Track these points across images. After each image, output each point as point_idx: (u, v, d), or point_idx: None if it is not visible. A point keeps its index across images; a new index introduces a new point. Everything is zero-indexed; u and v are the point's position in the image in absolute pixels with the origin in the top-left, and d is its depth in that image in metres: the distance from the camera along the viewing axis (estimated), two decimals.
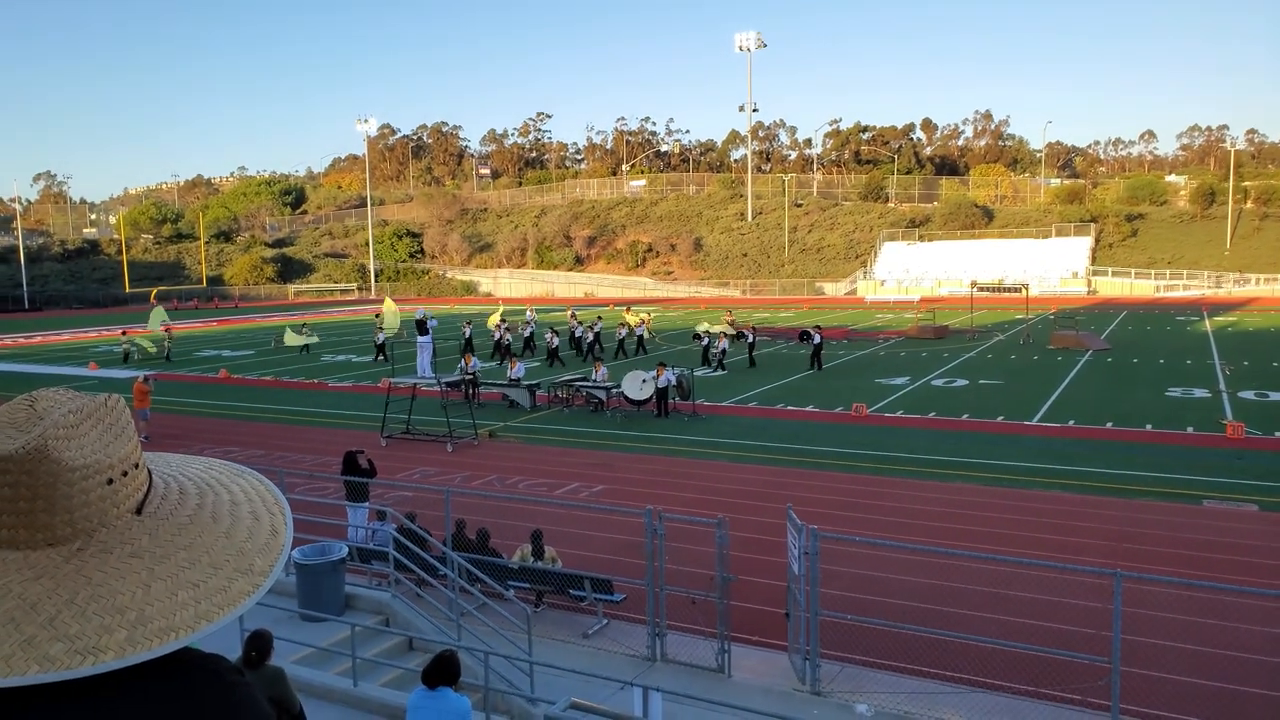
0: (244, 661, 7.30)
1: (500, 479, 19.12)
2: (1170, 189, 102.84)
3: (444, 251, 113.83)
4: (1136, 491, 17.18)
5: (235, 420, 27.01)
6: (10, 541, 1.21)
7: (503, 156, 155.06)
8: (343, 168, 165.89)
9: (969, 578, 12.38)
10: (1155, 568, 12.59)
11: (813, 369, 34.52)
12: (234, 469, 1.48)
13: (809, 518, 10.97)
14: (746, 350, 36.76)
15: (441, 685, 6.98)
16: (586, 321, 42.54)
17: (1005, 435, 22.62)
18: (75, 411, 1.25)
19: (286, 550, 1.36)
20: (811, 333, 35.93)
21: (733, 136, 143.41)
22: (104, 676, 1.15)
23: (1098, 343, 41.21)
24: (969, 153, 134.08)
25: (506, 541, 13.07)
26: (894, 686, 9.72)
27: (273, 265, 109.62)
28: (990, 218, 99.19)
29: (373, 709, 9.38)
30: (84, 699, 1.18)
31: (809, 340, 36.11)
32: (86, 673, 1.14)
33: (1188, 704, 9.27)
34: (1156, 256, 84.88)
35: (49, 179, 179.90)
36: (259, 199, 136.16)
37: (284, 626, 10.39)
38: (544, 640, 10.81)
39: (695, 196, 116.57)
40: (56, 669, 1.12)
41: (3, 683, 1.11)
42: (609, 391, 26.66)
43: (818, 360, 35.00)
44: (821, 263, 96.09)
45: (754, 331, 38.42)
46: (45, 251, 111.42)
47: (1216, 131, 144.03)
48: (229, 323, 70.34)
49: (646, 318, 48.47)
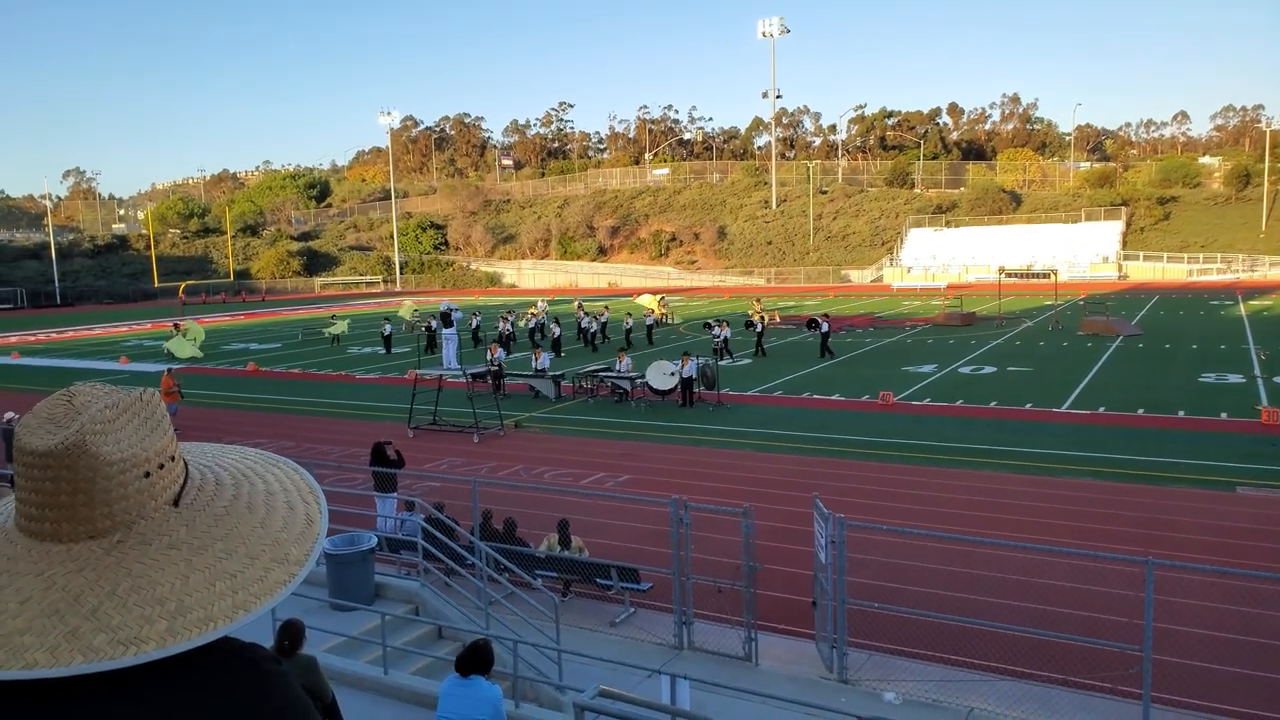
0: (276, 650, 7.38)
1: (526, 469, 19.19)
2: (1204, 171, 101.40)
3: (468, 243, 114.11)
4: (1169, 478, 17.01)
5: (264, 413, 27.25)
6: (53, 535, 1.24)
7: (525, 147, 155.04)
8: (366, 160, 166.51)
9: (997, 566, 12.31)
10: (1188, 555, 12.46)
11: (824, 357, 34.51)
12: (269, 458, 1.50)
13: (836, 507, 10.95)
14: (755, 339, 37.09)
15: (474, 673, 7.03)
16: (593, 312, 42.81)
17: (1034, 422, 22.45)
18: (112, 406, 1.27)
19: (321, 539, 1.38)
20: (819, 320, 36.37)
21: (756, 124, 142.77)
22: (144, 666, 1.17)
23: (1129, 328, 40.76)
24: (996, 137, 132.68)
25: (533, 531, 13.13)
26: (922, 675, 9.69)
27: (299, 259, 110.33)
28: (1018, 203, 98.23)
29: (403, 697, 9.46)
30: (125, 688, 1.20)
31: (816, 328, 36.50)
32: (129, 663, 1.16)
33: (1221, 693, 9.18)
34: (1189, 240, 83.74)
35: (78, 175, 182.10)
36: (284, 193, 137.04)
37: (315, 616, 10.50)
38: (572, 629, 10.85)
39: (719, 185, 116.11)
40: (100, 659, 1.15)
41: (48, 673, 1.13)
42: (633, 381, 26.68)
43: (827, 347, 35.07)
44: (847, 250, 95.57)
45: (763, 320, 38.80)
46: (76, 247, 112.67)
47: (1252, 111, 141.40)
48: (256, 316, 70.91)
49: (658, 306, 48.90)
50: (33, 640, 1.15)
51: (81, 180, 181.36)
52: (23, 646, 1.14)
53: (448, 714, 6.94)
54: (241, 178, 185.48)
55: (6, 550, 1.25)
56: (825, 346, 35.08)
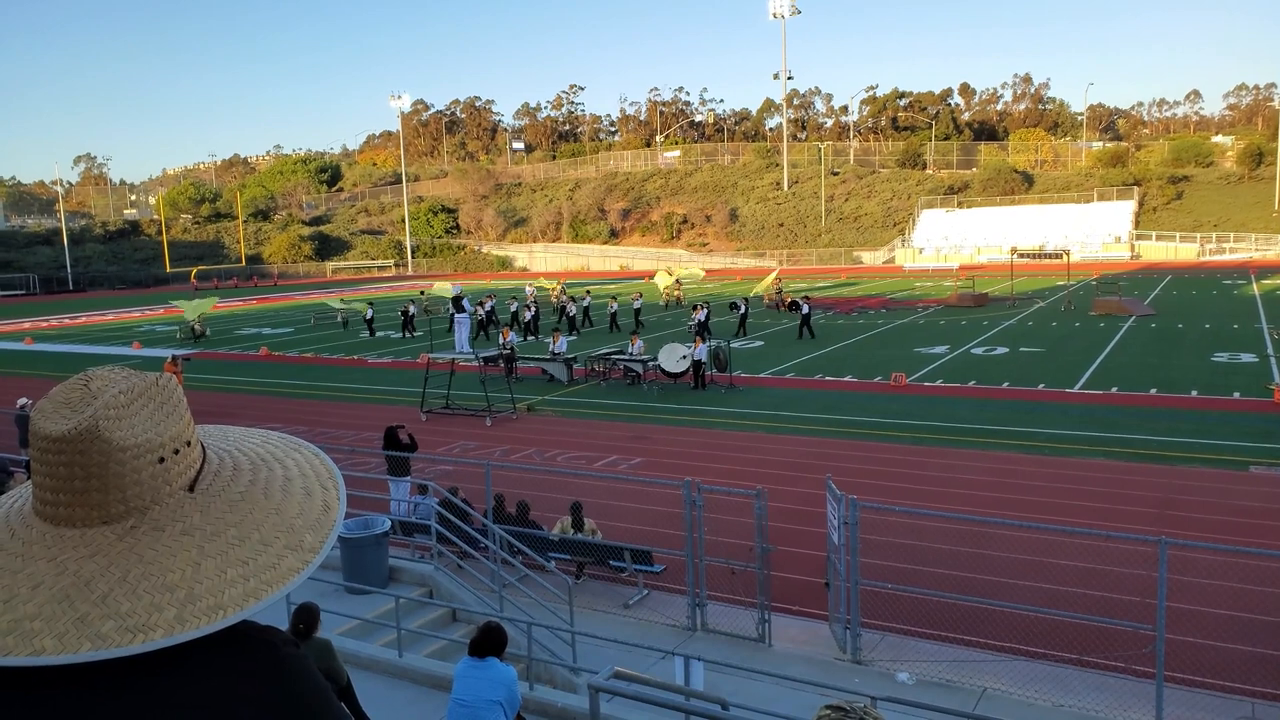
0: (292, 634, 7.42)
1: (539, 452, 19.23)
2: (1216, 150, 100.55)
3: (479, 227, 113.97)
4: (1181, 458, 16.95)
5: (277, 397, 27.35)
6: (67, 519, 1.24)
7: (536, 130, 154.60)
8: (377, 144, 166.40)
9: (1010, 546, 12.29)
10: (1200, 534, 12.44)
11: (801, 338, 35.22)
12: (292, 442, 1.49)
13: (848, 488, 10.94)
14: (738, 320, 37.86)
15: (488, 655, 7.06)
16: (575, 296, 43.47)
17: (1047, 403, 22.38)
18: (126, 391, 1.27)
19: (338, 527, 1.37)
20: (800, 302, 37.38)
21: (767, 105, 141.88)
22: (162, 649, 1.18)
23: (1141, 308, 40.54)
24: (1008, 117, 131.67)
25: (546, 514, 13.17)
26: (935, 655, 9.71)
27: (310, 243, 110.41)
28: (1030, 183, 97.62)
29: (418, 679, 9.51)
30: (142, 672, 1.20)
31: (798, 310, 37.50)
32: (137, 650, 1.15)
33: (1234, 671, 9.17)
34: (1202, 219, 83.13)
35: (89, 161, 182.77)
36: (295, 177, 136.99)
37: (329, 599, 10.57)
38: (585, 611, 10.90)
39: (730, 166, 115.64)
40: (108, 646, 1.14)
41: (55, 660, 1.13)
42: (645, 364, 26.68)
43: (808, 327, 35.73)
44: (859, 231, 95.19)
45: (745, 301, 39.78)
46: (88, 233, 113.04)
47: (1264, 90, 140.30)
48: (268, 300, 71.08)
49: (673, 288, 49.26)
50: (41, 626, 1.15)
51: (93, 166, 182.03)
52: (32, 632, 1.14)
53: (463, 696, 6.98)
54: (252, 162, 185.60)
55: (22, 534, 1.25)
56: (805, 327, 35.81)
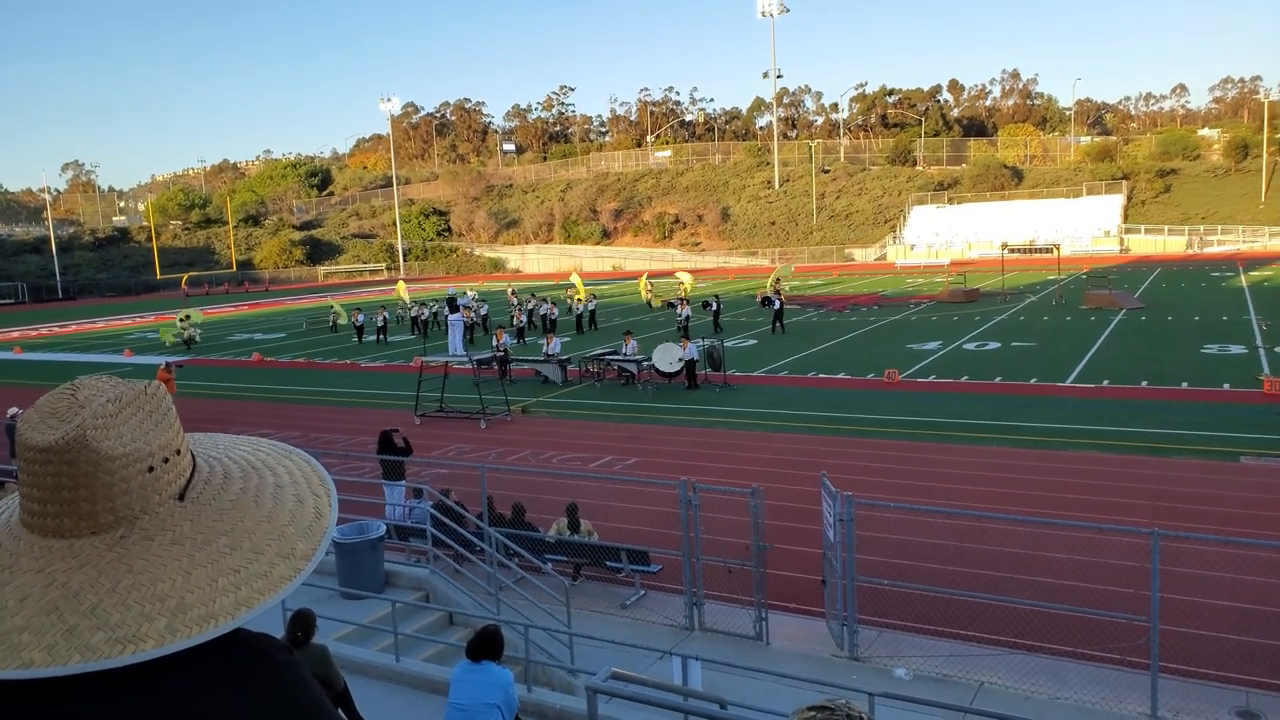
0: (289, 641, 7.40)
1: (534, 454, 19.21)
2: (1203, 143, 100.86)
3: (471, 229, 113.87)
4: (1173, 450, 17.00)
5: (270, 403, 27.29)
6: (55, 530, 1.23)
7: (526, 131, 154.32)
8: (367, 148, 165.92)
9: (1005, 540, 12.32)
10: (1193, 525, 12.46)
11: (774, 331, 36.08)
12: (282, 449, 1.48)
13: (843, 485, 10.94)
14: (711, 317, 38.07)
15: (485, 659, 7.05)
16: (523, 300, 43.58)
17: (1039, 397, 22.43)
18: (114, 400, 1.26)
19: (330, 534, 1.36)
20: (773, 297, 38.03)
21: (757, 104, 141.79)
22: (156, 659, 1.16)
23: (1131, 301, 40.66)
24: (997, 113, 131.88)
25: (542, 516, 13.15)
26: (932, 650, 9.72)
27: (301, 248, 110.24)
28: (1020, 178, 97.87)
29: (415, 684, 9.50)
30: (137, 682, 1.19)
31: (770, 305, 38.12)
32: (128, 661, 1.14)
33: (1228, 662, 9.20)
34: (1190, 212, 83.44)
35: (77, 168, 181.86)
36: (285, 182, 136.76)
37: (325, 605, 10.54)
38: (582, 612, 10.88)
39: (721, 166, 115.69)
40: (97, 658, 1.13)
41: (44, 672, 1.12)
42: (639, 365, 26.68)
43: (780, 322, 36.64)
44: (850, 229, 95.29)
45: (717, 299, 39.91)
46: (76, 240, 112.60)
47: (1250, 83, 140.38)
48: (260, 306, 70.91)
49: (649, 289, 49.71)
50: (30, 639, 1.13)
51: (80, 173, 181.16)
52: (20, 645, 1.13)
53: (460, 700, 6.97)
54: (242, 167, 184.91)
55: (10, 546, 1.23)
56: (779, 321, 36.67)
